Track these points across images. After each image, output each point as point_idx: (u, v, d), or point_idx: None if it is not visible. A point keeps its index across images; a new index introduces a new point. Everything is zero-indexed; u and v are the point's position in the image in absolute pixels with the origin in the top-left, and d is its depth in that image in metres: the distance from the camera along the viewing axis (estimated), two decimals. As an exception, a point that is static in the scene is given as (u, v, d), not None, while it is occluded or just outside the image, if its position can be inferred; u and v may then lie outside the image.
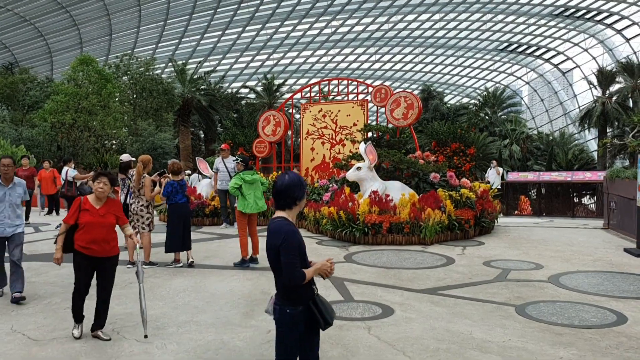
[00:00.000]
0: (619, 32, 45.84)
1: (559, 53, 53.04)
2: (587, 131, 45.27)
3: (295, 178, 3.55)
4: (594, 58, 49.16)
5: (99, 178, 5.52)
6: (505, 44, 54.27)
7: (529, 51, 54.85)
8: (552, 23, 48.62)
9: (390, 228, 10.95)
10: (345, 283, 7.56)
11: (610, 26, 46.12)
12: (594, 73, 39.87)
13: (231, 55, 54.88)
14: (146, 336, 5.21)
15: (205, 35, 50.56)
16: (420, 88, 51.34)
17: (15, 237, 6.87)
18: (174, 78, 39.10)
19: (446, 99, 54.23)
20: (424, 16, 49.20)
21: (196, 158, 16.76)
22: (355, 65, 60.18)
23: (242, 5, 45.94)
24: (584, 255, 9.90)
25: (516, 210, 23.04)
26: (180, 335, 5.55)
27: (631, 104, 37.01)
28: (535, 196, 25.62)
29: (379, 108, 16.98)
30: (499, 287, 7.44)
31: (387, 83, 55.83)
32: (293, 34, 51.93)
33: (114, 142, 31.10)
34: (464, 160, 18.40)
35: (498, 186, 18.78)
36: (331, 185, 14.01)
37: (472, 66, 60.35)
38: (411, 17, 49.50)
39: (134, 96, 33.07)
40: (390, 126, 16.65)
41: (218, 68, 54.31)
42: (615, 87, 38.55)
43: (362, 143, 13.07)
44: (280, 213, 3.55)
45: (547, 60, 55.22)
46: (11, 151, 19.87)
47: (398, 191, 12.00)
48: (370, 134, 16.26)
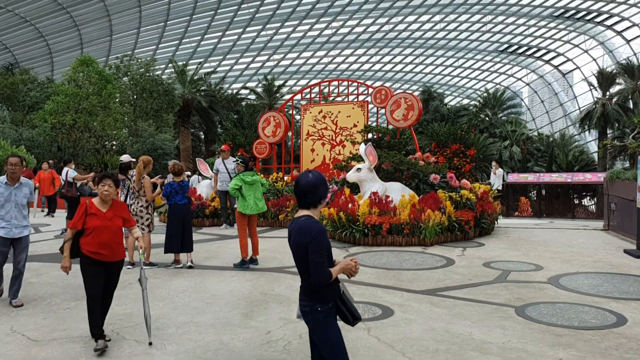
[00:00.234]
0: (619, 34, 45.87)
1: (559, 54, 53.07)
2: (588, 132, 45.31)
3: (319, 176, 3.53)
4: (595, 59, 49.19)
5: (103, 181, 5.31)
6: (505, 45, 54.32)
7: (529, 52, 54.91)
8: (553, 24, 48.66)
9: (390, 229, 10.94)
10: (344, 284, 7.55)
11: (610, 27, 46.16)
12: (595, 74, 39.92)
13: (231, 56, 54.94)
14: (151, 343, 5.18)
15: (205, 36, 50.62)
16: (420, 89, 51.39)
17: (22, 240, 6.71)
18: (174, 79, 39.13)
19: (446, 100, 54.27)
20: (425, 17, 49.27)
21: (196, 159, 16.76)
22: (355, 66, 60.24)
23: (243, 6, 46.01)
24: (584, 256, 9.89)
25: (516, 211, 23.02)
26: (179, 335, 5.55)
27: (631, 106, 37.03)
28: (535, 197, 25.59)
29: (379, 109, 16.99)
30: (499, 288, 7.43)
31: (388, 84, 55.96)
32: (293, 35, 51.99)
33: (114, 143, 31.14)
34: (464, 161, 18.43)
35: (499, 187, 18.76)
36: (331, 186, 14.01)
37: (473, 67, 60.40)
38: (412, 19, 49.57)
39: (134, 97, 33.09)
40: (390, 127, 16.66)
41: (218, 69, 54.39)
42: (615, 89, 38.58)
43: (362, 144, 13.07)
44: (304, 212, 3.52)
45: (548, 61, 55.26)
46: (11, 152, 19.86)
47: (398, 192, 11.99)
48: (370, 135, 16.27)
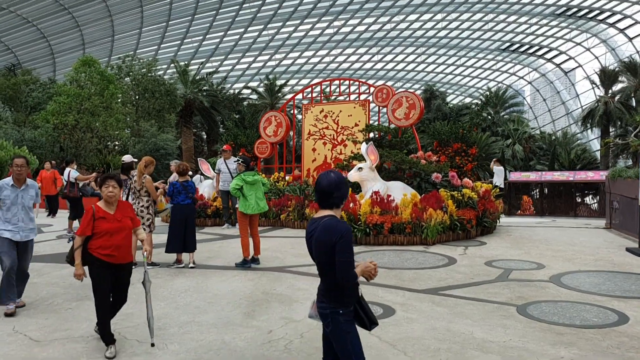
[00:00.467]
0: (622, 32, 45.75)
1: (561, 53, 52.98)
2: (590, 131, 45.20)
3: (341, 176, 3.48)
4: (597, 57, 49.07)
5: (107, 182, 5.19)
6: (507, 44, 54.27)
7: (531, 51, 54.82)
8: (555, 23, 48.58)
9: (391, 228, 10.94)
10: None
11: (612, 25, 46.05)
12: (597, 72, 39.81)
13: (233, 56, 54.98)
14: (153, 344, 5.19)
15: (207, 36, 50.67)
16: (422, 88, 51.35)
17: (29, 244, 6.55)
18: (176, 79, 39.15)
19: (449, 99, 54.25)
20: (426, 16, 49.24)
21: (198, 159, 16.77)
22: (357, 65, 60.24)
23: (244, 6, 46.04)
24: (586, 255, 9.88)
25: (518, 210, 23.03)
26: (181, 335, 5.56)
27: (634, 104, 36.94)
28: (537, 196, 25.58)
29: (381, 108, 16.98)
30: (501, 287, 7.43)
31: (390, 83, 55.88)
32: (295, 35, 52.01)
33: (117, 144, 31.18)
34: (466, 160, 18.38)
35: (501, 185, 18.73)
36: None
37: (475, 66, 60.34)
38: (413, 17, 49.55)
39: (137, 97, 33.09)
40: (392, 126, 16.64)
41: (220, 69, 54.44)
42: (618, 87, 38.45)
43: (364, 143, 13.07)
44: (326, 212, 3.45)
45: (550, 60, 55.18)
46: (14, 152, 19.91)
47: (400, 191, 11.99)
48: (371, 134, 16.25)
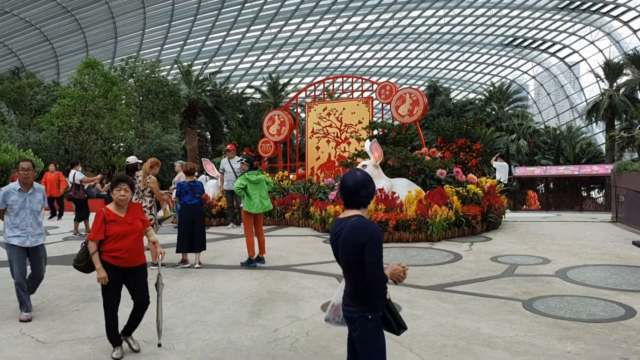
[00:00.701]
0: (626, 24, 45.49)
1: (565, 46, 52.75)
2: (595, 124, 45.08)
3: (367, 175, 3.40)
4: (601, 50, 48.84)
5: (119, 185, 5.10)
6: (510, 39, 54.05)
7: (535, 45, 54.62)
8: (558, 16, 48.35)
9: (396, 225, 10.93)
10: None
11: (616, 18, 45.79)
12: (601, 66, 39.67)
13: (236, 55, 55.01)
14: (160, 345, 5.21)
15: (210, 36, 50.69)
16: (426, 84, 51.26)
17: (39, 249, 6.38)
18: (180, 80, 39.18)
19: (452, 95, 54.12)
20: (429, 12, 49.12)
21: (202, 159, 16.80)
22: (360, 62, 60.15)
23: (246, 5, 46.03)
24: (592, 249, 9.85)
25: (524, 205, 22.97)
26: (188, 335, 5.57)
27: (639, 96, 36.77)
28: (542, 191, 25.51)
29: (384, 105, 16.95)
30: (506, 283, 7.41)
31: (393, 80, 55.86)
32: (297, 33, 51.97)
33: (122, 145, 31.28)
34: (471, 155, 18.37)
35: (505, 181, 18.69)
36: (337, 183, 14.02)
37: (478, 61, 60.16)
38: (416, 14, 49.44)
39: (140, 98, 33.17)
40: (395, 123, 16.61)
41: (223, 69, 54.45)
42: (622, 80, 38.31)
43: (368, 141, 13.06)
44: (353, 211, 3.36)
45: (553, 54, 54.95)
46: (19, 155, 20.00)
47: (404, 188, 11.99)
48: (375, 132, 16.24)
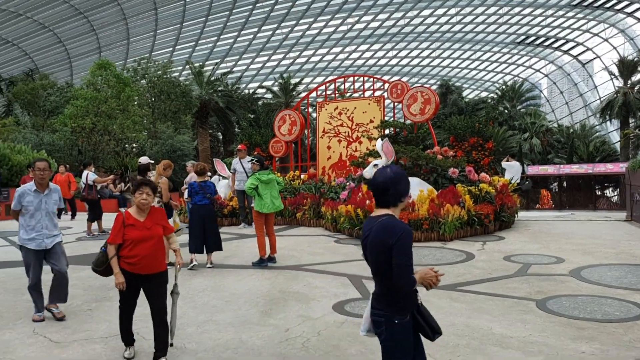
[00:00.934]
0: (640, 21, 45.03)
1: (578, 44, 52.24)
2: (609, 122, 44.58)
3: (399, 171, 3.22)
4: (615, 48, 48.31)
5: (141, 188, 4.96)
6: (523, 37, 53.67)
7: (547, 43, 54.15)
8: (571, 14, 47.92)
9: (408, 225, 10.86)
10: (363, 281, 7.53)
11: (631, 15, 45.27)
12: (615, 63, 39.24)
13: (247, 55, 55.13)
14: (172, 344, 5.22)
15: (221, 36, 50.86)
16: (438, 83, 51.02)
17: (56, 247, 6.31)
18: (192, 80, 39.33)
19: (465, 94, 53.82)
20: (440, 11, 48.93)
21: (213, 159, 16.85)
22: (372, 61, 60.04)
23: (258, 5, 46.11)
24: (607, 248, 9.74)
25: (537, 204, 22.80)
26: (199, 334, 5.58)
27: (654, 94, 36.35)
28: (556, 189, 25.29)
29: (396, 104, 16.88)
30: (520, 282, 7.35)
31: (405, 79, 55.67)
32: (309, 32, 51.99)
33: (134, 146, 31.44)
34: (483, 154, 18.26)
35: (518, 180, 18.56)
36: (348, 183, 14.00)
37: (490, 60, 59.80)
38: (427, 12, 49.28)
39: (153, 99, 33.30)
40: (407, 122, 16.56)
41: (235, 69, 54.60)
42: (637, 77, 37.90)
43: (379, 140, 13.02)
44: (384, 210, 3.21)
45: (566, 51, 54.46)
46: (33, 156, 20.17)
47: (416, 187, 11.94)
48: (387, 131, 16.19)
